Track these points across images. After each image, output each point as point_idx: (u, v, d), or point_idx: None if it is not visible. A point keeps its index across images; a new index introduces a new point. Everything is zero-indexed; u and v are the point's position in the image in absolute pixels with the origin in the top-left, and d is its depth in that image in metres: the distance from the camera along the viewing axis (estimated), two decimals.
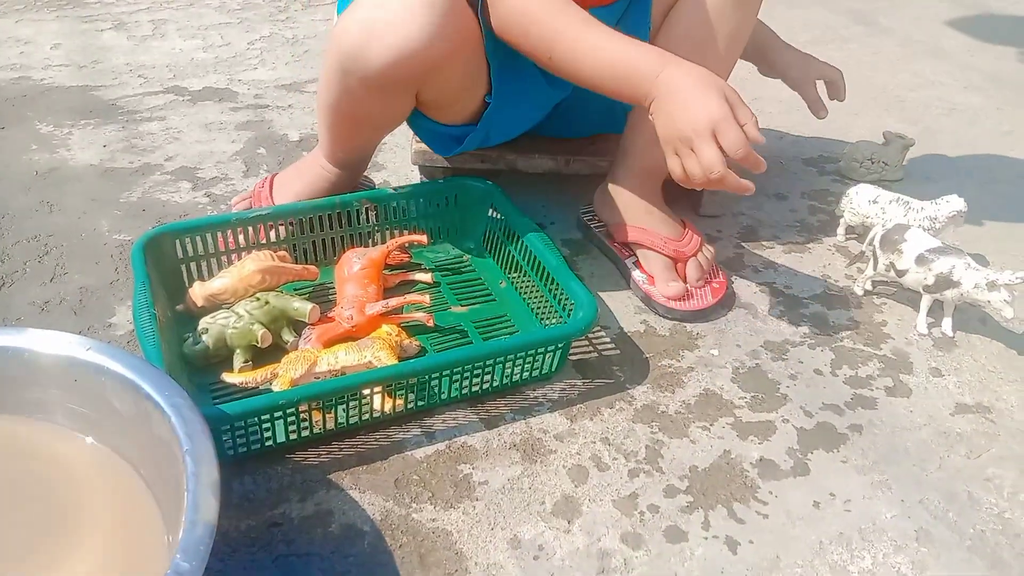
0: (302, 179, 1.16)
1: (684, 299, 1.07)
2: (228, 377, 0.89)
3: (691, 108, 0.85)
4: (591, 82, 0.94)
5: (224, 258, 1.05)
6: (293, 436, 0.84)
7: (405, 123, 1.13)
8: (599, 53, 0.92)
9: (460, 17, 0.92)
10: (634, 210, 1.12)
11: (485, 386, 0.92)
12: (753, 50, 1.33)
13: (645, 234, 1.10)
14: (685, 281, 1.08)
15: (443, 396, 0.91)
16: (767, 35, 1.32)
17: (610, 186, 1.15)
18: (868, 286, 1.14)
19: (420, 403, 0.90)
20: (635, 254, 1.13)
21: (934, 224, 1.15)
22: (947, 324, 1.07)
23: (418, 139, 1.19)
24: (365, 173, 1.24)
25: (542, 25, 0.93)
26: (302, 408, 0.82)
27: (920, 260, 1.04)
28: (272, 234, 1.08)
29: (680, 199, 1.21)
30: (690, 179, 0.88)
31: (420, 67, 0.92)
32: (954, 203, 1.16)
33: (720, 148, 0.84)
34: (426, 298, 1.01)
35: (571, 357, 0.99)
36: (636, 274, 1.11)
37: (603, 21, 1.05)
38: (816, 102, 1.25)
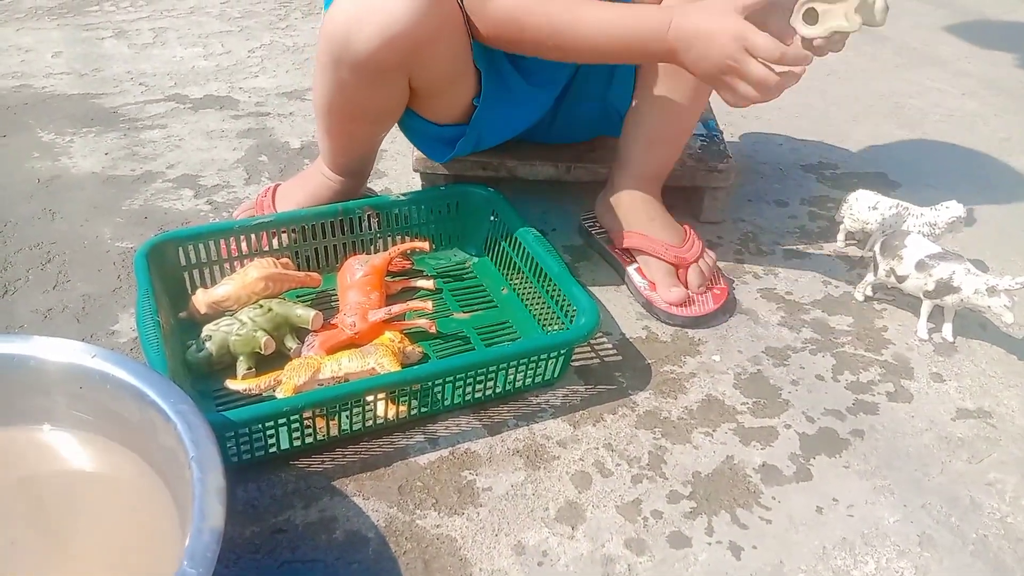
0: (304, 189, 1.16)
1: (685, 305, 1.08)
2: (232, 384, 0.89)
3: (715, 38, 0.87)
4: (600, 57, 0.96)
5: (227, 265, 1.05)
6: (297, 443, 0.84)
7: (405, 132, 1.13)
8: (601, 27, 0.93)
9: None
10: (635, 216, 1.12)
11: (488, 392, 0.93)
12: None
13: (646, 240, 1.10)
14: (686, 287, 1.09)
15: (446, 402, 0.91)
16: None
17: (611, 193, 1.15)
18: (869, 292, 1.14)
19: (423, 409, 0.90)
20: (636, 260, 1.13)
21: (934, 230, 1.16)
22: (947, 329, 1.08)
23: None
24: (368, 184, 1.24)
25: (536, 14, 0.94)
26: (306, 415, 0.83)
27: (920, 266, 1.04)
28: (275, 241, 1.08)
29: (680, 205, 1.22)
30: (747, 101, 0.89)
31: (406, 48, 0.92)
32: (953, 209, 1.16)
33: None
34: (428, 304, 1.01)
35: (573, 363, 1.00)
36: (637, 280, 1.11)
37: None
38: None
